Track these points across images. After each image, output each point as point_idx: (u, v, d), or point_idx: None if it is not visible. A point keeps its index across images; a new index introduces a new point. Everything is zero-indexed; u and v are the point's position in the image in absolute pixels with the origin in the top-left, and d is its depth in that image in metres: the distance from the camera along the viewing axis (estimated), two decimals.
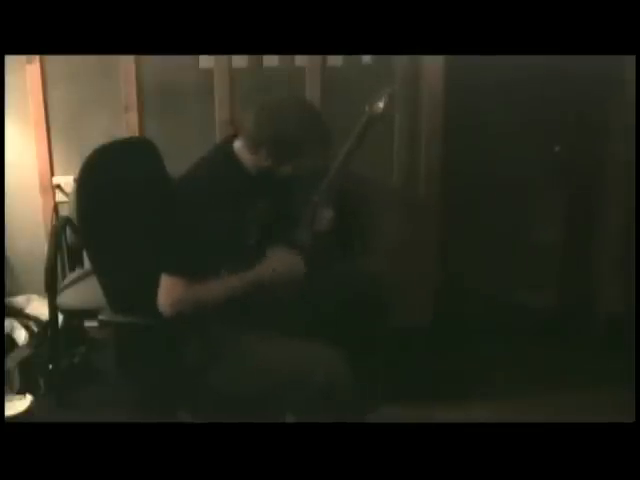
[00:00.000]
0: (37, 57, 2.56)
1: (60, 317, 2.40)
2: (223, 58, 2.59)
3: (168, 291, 1.68)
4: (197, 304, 1.70)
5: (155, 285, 1.69)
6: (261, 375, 1.71)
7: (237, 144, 1.80)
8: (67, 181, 2.65)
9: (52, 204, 2.69)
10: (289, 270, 1.76)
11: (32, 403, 2.31)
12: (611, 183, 2.83)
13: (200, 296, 1.69)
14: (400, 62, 2.63)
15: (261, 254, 1.77)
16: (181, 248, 1.70)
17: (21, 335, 2.50)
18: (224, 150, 1.83)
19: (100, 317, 1.81)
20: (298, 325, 1.81)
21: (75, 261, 2.58)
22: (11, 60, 2.47)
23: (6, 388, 2.33)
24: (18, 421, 2.21)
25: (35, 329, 2.54)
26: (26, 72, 2.57)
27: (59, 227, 2.48)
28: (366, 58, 2.65)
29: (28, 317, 2.60)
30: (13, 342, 2.48)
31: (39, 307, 2.60)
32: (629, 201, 2.68)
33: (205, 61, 2.61)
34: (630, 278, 2.72)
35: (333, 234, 1.96)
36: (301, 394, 1.65)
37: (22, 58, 2.54)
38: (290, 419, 1.79)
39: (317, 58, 2.61)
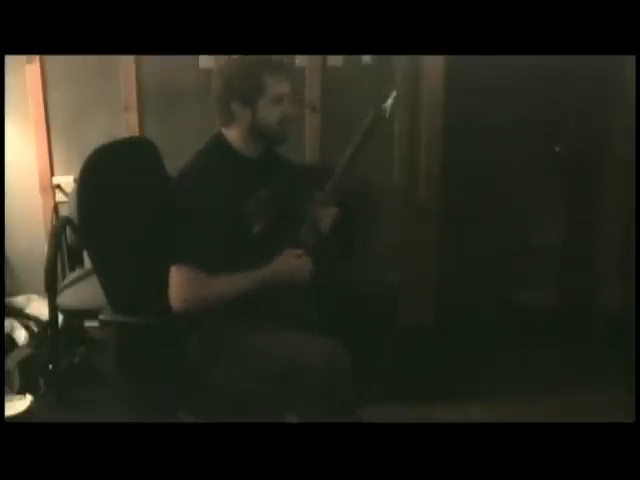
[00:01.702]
0: (37, 57, 2.56)
1: (60, 317, 2.40)
2: (223, 58, 2.58)
3: (181, 286, 1.68)
4: (208, 300, 1.70)
5: (156, 284, 1.69)
6: (261, 365, 1.71)
7: (224, 130, 1.89)
8: (67, 181, 2.66)
9: (52, 204, 2.69)
10: (296, 271, 1.77)
11: (32, 403, 2.30)
12: (611, 183, 2.83)
13: (211, 292, 1.70)
14: (400, 62, 2.63)
15: (268, 246, 1.78)
16: (190, 241, 1.71)
17: (21, 335, 2.50)
18: (217, 139, 1.90)
19: (100, 317, 1.81)
20: (298, 323, 1.81)
21: (75, 261, 2.58)
22: (11, 60, 2.47)
23: (6, 388, 2.33)
24: (18, 421, 2.21)
25: (35, 329, 2.54)
26: (26, 72, 2.58)
27: (59, 227, 2.48)
28: (366, 58, 2.65)
29: (28, 317, 2.60)
30: (13, 342, 2.48)
31: (39, 307, 2.60)
32: (629, 201, 2.67)
33: (205, 61, 2.61)
34: (630, 278, 2.72)
35: (334, 234, 1.96)
36: (301, 382, 1.64)
37: (22, 58, 2.54)
38: (291, 418, 1.79)
39: (317, 58, 2.62)
